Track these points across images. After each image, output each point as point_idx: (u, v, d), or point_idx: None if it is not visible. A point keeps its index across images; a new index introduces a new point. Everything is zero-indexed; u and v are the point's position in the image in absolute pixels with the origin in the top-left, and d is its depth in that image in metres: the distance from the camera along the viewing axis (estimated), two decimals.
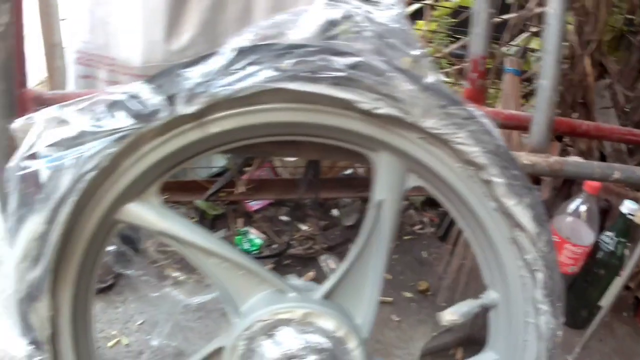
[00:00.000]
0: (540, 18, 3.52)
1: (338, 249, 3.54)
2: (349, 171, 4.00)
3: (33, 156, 1.40)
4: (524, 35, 3.74)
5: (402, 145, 1.51)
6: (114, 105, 1.38)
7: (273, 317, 1.56)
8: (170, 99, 1.36)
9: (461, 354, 2.74)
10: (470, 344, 2.68)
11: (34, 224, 1.41)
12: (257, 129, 1.47)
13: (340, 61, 1.37)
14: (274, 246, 3.55)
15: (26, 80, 1.80)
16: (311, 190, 3.00)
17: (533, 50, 3.82)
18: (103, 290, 3.00)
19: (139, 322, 2.93)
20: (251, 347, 1.57)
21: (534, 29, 3.65)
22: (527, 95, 3.66)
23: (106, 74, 2.42)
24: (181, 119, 1.39)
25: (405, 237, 3.67)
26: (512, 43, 3.71)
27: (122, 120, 1.36)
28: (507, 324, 1.75)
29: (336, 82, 1.39)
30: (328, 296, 1.64)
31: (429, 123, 1.46)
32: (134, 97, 1.37)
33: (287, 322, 1.56)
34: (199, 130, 1.43)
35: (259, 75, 1.35)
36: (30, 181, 1.43)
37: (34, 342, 1.53)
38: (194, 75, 1.36)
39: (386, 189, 1.58)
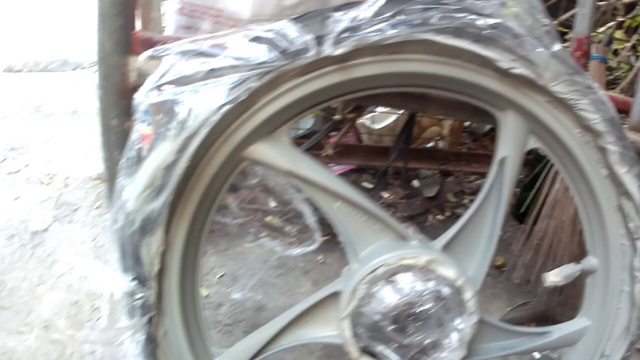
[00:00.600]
0: (628, 9, 3.49)
1: (418, 219, 3.56)
2: (430, 144, 4.05)
3: (163, 87, 1.43)
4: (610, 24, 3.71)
5: (529, 107, 1.56)
6: (257, 41, 1.41)
7: (398, 262, 1.58)
8: (319, 40, 1.38)
9: None
10: (543, 320, 2.70)
11: (164, 152, 1.43)
12: (397, 78, 1.51)
13: (482, 20, 1.41)
14: None
15: (135, 23, 1.83)
16: (400, 159, 3.01)
17: (612, 41, 3.79)
18: None
19: (219, 275, 2.96)
20: (371, 291, 1.59)
21: (619, 19, 3.62)
22: (607, 84, 3.64)
23: (210, 25, 2.39)
24: (325, 60, 1.42)
25: None
26: (598, 31, 3.68)
27: (266, 56, 1.39)
28: (603, 291, 1.77)
29: (478, 39, 1.43)
30: (446, 247, 1.67)
31: (557, 88, 1.50)
32: (281, 34, 1.39)
33: (409, 268, 1.58)
34: (341, 74, 1.45)
35: (406, 26, 1.38)
36: (160, 111, 1.46)
37: (139, 278, 1.54)
38: (343, 19, 1.38)
39: (510, 146, 1.62)
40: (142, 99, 1.45)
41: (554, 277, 1.78)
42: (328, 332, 1.71)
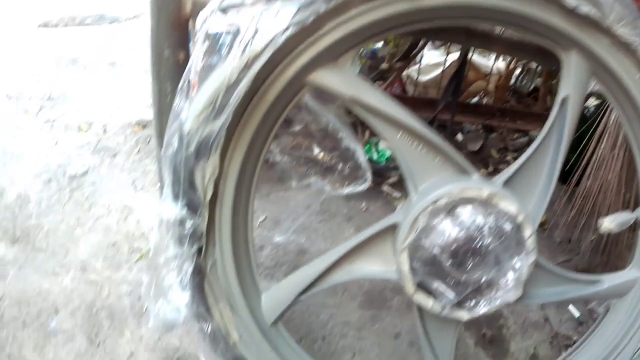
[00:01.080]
0: None
1: None
2: (475, 99, 4.04)
3: (226, 10, 1.41)
4: None
5: (593, 48, 1.54)
6: None
7: (460, 194, 1.56)
8: None
9: None
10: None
11: (227, 71, 1.40)
12: (464, 10, 1.48)
13: None
14: None
15: None
16: (446, 111, 2.98)
17: None
18: None
19: (261, 219, 2.97)
20: (431, 223, 1.57)
21: None
22: None
23: None
24: None
25: None
26: None
27: None
28: None
29: None
30: (506, 184, 1.64)
31: (621, 30, 1.49)
32: None
33: (471, 201, 1.56)
34: (410, 2, 1.43)
35: None
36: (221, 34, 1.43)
37: (190, 206, 1.52)
38: None
39: (572, 86, 1.59)
40: (203, 23, 1.43)
41: (608, 223, 1.76)
42: (382, 268, 1.69)
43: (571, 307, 2.67)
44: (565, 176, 3.08)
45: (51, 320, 2.36)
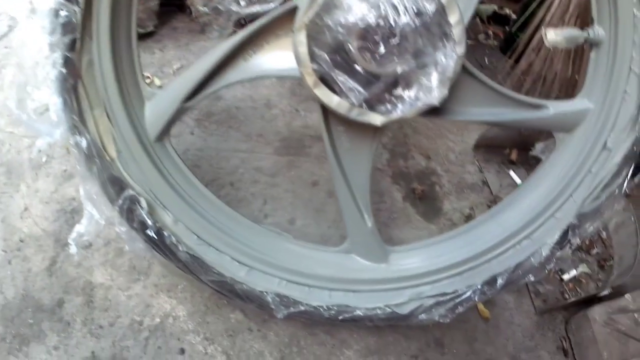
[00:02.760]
0: None
1: None
2: None
3: None
4: None
5: None
6: None
7: None
8: None
9: (516, 155, 2.62)
10: (525, 148, 2.50)
11: None
12: None
13: None
14: None
15: None
16: None
17: None
18: (142, 37, 2.81)
19: (176, 67, 2.81)
20: None
21: None
22: None
23: None
24: None
25: (470, 42, 3.51)
26: None
27: None
28: (609, 69, 1.57)
29: None
30: None
31: None
32: None
33: None
34: None
35: None
36: None
37: None
38: None
39: None
40: None
41: (554, 35, 1.60)
42: (283, 63, 1.47)
43: (512, 173, 2.55)
44: (507, 47, 3.08)
45: None
